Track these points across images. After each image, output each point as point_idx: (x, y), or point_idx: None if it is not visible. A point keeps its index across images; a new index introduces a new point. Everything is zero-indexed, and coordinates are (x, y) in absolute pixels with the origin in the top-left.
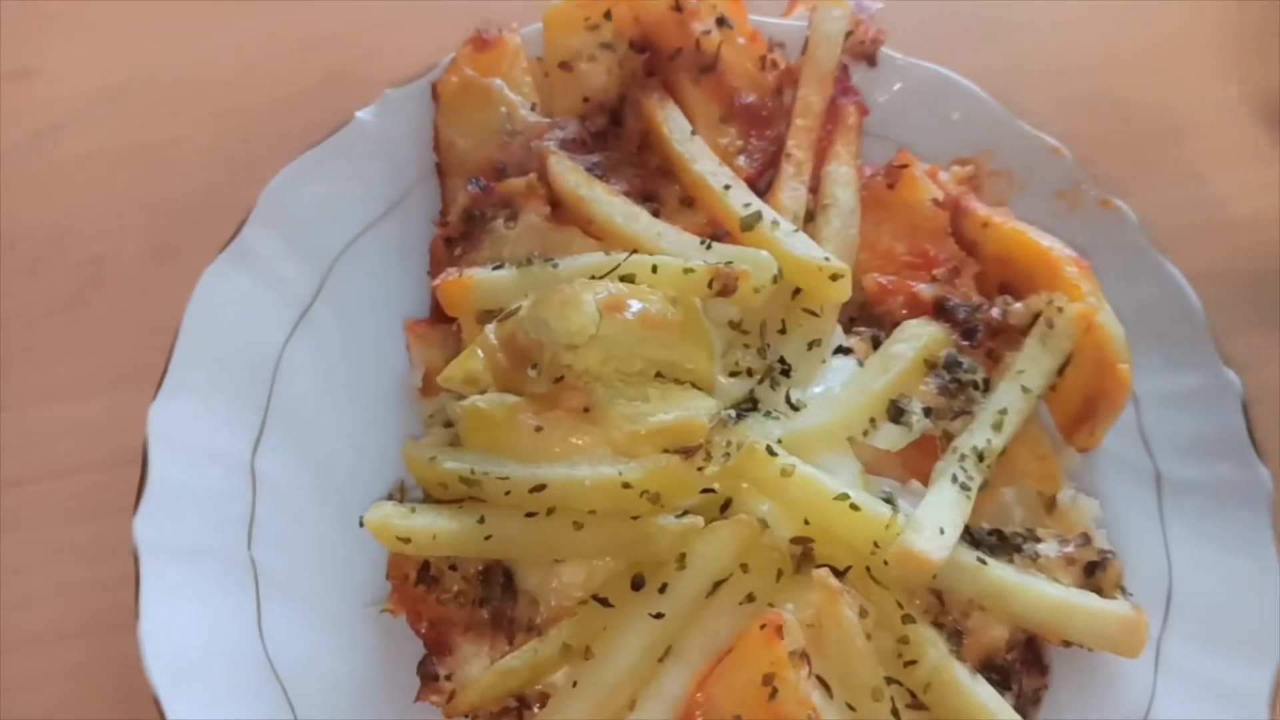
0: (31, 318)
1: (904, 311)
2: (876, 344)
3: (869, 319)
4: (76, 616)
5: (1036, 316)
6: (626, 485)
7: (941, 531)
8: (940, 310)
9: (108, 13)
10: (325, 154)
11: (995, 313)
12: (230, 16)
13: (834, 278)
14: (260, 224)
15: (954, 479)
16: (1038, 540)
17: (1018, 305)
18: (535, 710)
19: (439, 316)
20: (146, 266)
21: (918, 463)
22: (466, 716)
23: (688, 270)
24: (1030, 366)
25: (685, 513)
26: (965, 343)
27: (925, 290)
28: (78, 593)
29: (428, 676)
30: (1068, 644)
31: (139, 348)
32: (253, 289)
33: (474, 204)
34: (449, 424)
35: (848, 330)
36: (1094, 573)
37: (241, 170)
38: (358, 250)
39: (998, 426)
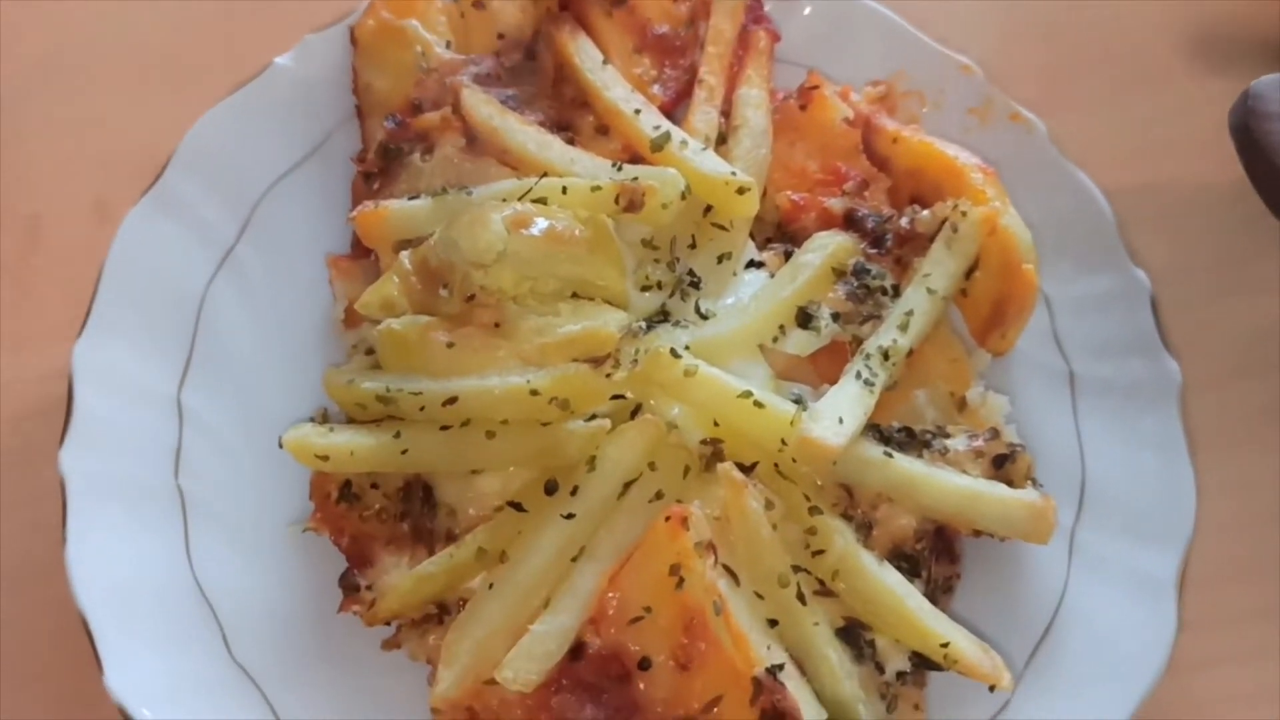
0: None
1: (817, 227)
2: (789, 258)
3: (784, 237)
4: (17, 560)
5: (943, 223)
6: (535, 392)
7: (841, 421)
8: (850, 222)
9: None
10: (245, 99)
11: (904, 221)
12: None
13: (740, 191)
14: (182, 168)
15: (858, 375)
16: (947, 436)
17: (925, 213)
18: (455, 616)
19: (360, 251)
20: (84, 224)
21: (830, 369)
22: (389, 625)
23: (595, 188)
24: (936, 270)
25: (594, 418)
26: (874, 251)
27: (836, 204)
28: (16, 537)
29: (349, 588)
30: (978, 533)
31: (78, 301)
32: (176, 232)
33: (390, 139)
34: (370, 352)
35: (762, 248)
36: (1003, 465)
37: (177, 126)
38: (280, 192)
39: (903, 327)
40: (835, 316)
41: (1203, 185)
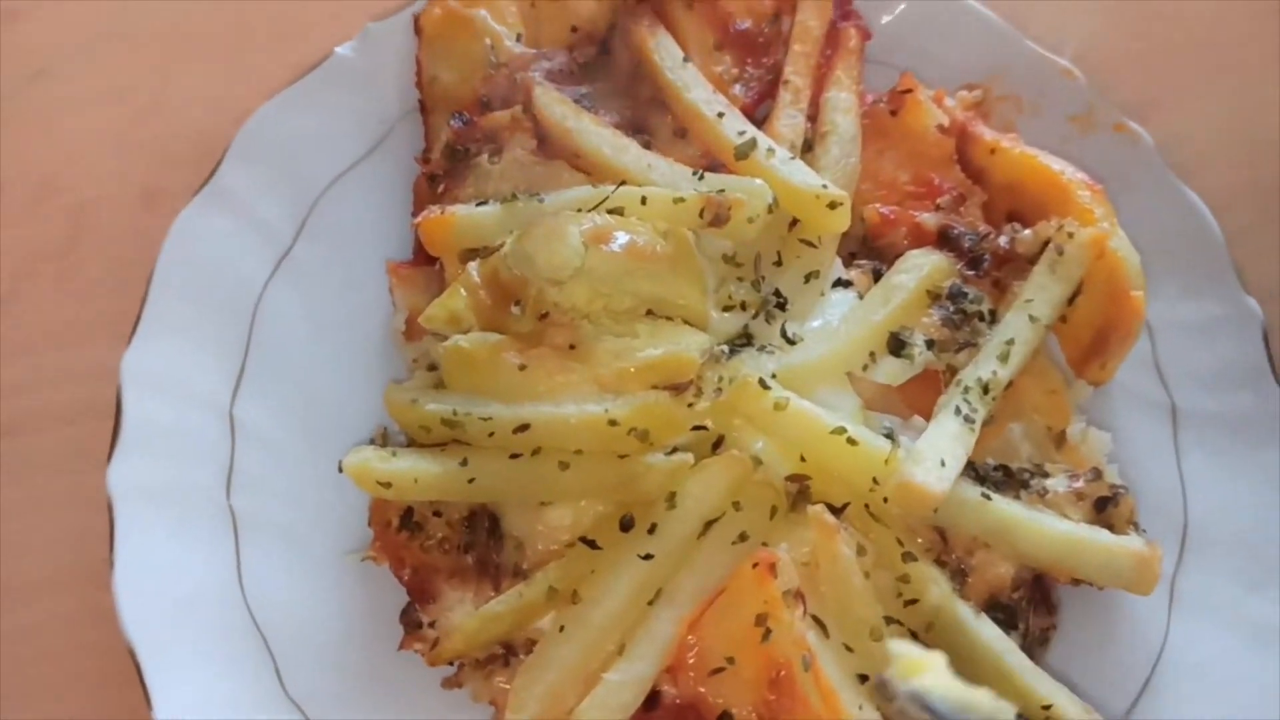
0: (15, 266)
1: (907, 243)
2: (878, 277)
3: (871, 252)
4: (60, 569)
5: (1046, 244)
6: (613, 422)
7: (943, 464)
8: (944, 239)
9: None
10: (304, 90)
11: (1003, 241)
12: None
13: (832, 205)
14: (238, 162)
15: (957, 411)
16: (1046, 475)
17: (1026, 232)
18: (522, 658)
19: (422, 258)
20: (133, 211)
21: (921, 398)
22: (451, 665)
23: (678, 200)
24: (1039, 295)
25: (675, 450)
26: (971, 272)
27: (929, 219)
28: (62, 545)
29: (411, 624)
30: (1077, 582)
31: (125, 295)
32: (231, 229)
33: (457, 139)
34: (433, 368)
35: (849, 265)
36: (1105, 508)
37: (229, 112)
38: (340, 189)
39: (1004, 358)
40: (929, 344)
41: None
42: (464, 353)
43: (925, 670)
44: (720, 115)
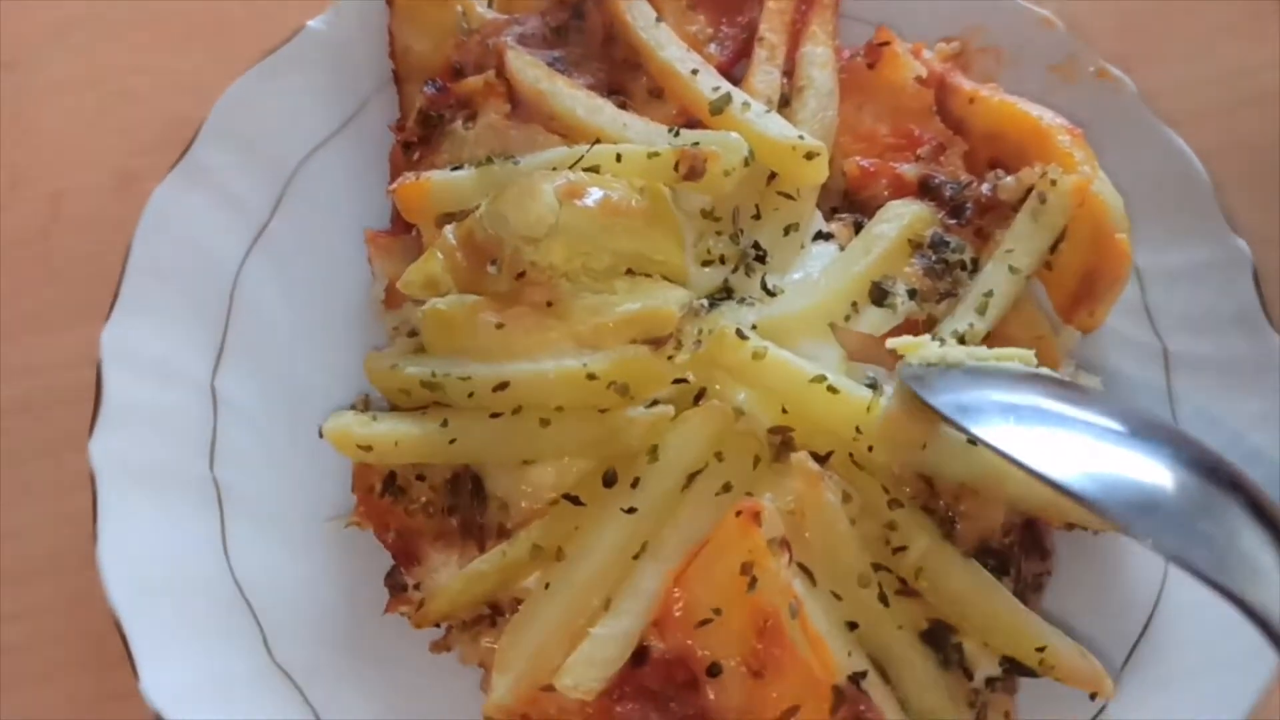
0: None
1: (888, 194)
2: (860, 230)
3: (852, 205)
4: (50, 554)
5: (1029, 191)
6: (592, 376)
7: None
8: (925, 189)
9: None
10: (277, 65)
11: (985, 188)
12: None
13: (809, 156)
14: (212, 140)
15: None
16: None
17: (1008, 179)
18: (509, 618)
19: (400, 226)
20: (108, 197)
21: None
22: (438, 626)
23: (652, 155)
24: (1020, 245)
25: (655, 404)
26: (953, 221)
27: (909, 170)
28: (46, 528)
29: (396, 587)
30: (1070, 527)
31: (103, 279)
32: (206, 206)
33: (431, 106)
34: (414, 334)
35: (829, 218)
36: None
37: (200, 95)
38: (315, 163)
39: (981, 310)
40: (911, 293)
41: None
42: (442, 315)
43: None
44: (694, 72)
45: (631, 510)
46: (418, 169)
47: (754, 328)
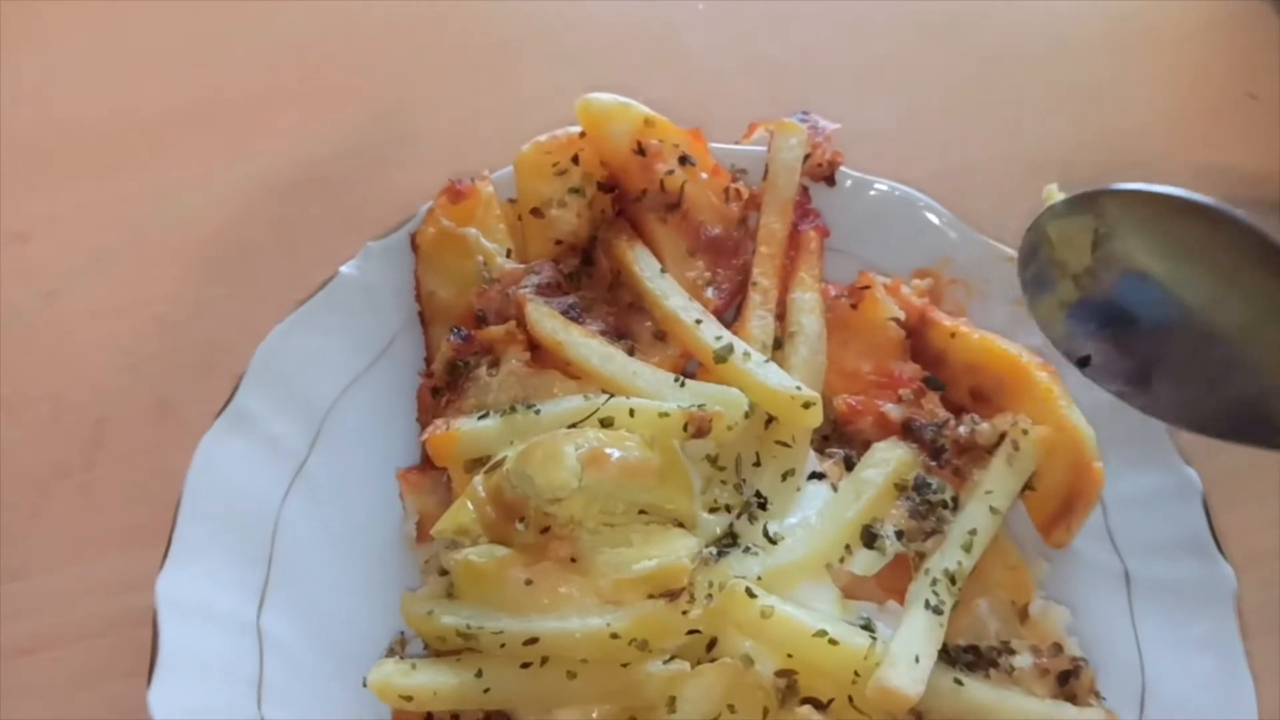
0: (35, 483)
1: (874, 431)
2: (849, 464)
3: (840, 438)
4: None
5: (1003, 436)
6: (615, 635)
7: (916, 660)
8: (908, 430)
9: (91, 171)
10: (312, 310)
11: (963, 430)
12: (208, 172)
13: (806, 405)
14: (254, 385)
15: (926, 604)
16: (1012, 653)
17: (984, 425)
18: None
19: (430, 463)
20: (147, 425)
21: (894, 581)
22: None
23: (663, 414)
24: (998, 487)
25: (673, 657)
26: (933, 463)
27: (893, 411)
28: None
29: None
30: None
31: (142, 507)
32: (249, 449)
33: (457, 354)
34: (444, 572)
35: (820, 449)
36: (1067, 681)
37: (233, 322)
38: (347, 401)
39: (967, 547)
40: (899, 534)
41: None
42: (474, 567)
43: None
44: (698, 322)
45: None
46: (445, 412)
47: (760, 579)
